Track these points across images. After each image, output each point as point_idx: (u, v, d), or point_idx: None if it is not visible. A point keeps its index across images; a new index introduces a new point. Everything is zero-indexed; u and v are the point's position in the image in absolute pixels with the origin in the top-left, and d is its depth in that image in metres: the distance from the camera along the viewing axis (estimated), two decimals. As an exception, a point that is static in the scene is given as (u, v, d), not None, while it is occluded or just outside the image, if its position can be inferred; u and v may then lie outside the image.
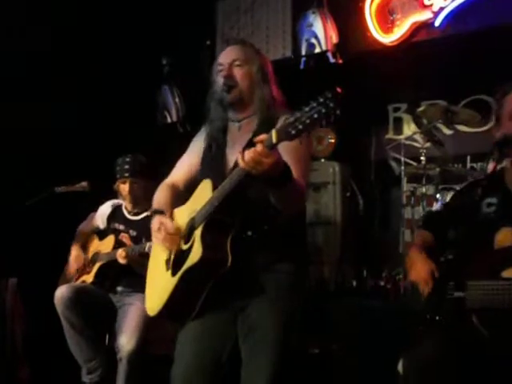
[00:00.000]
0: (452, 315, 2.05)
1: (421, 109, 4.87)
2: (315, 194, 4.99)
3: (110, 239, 3.54)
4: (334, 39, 4.94)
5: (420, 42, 4.77)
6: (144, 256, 3.25)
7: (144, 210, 3.47)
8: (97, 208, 3.76)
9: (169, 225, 2.17)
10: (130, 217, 3.58)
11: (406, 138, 4.75)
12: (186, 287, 2.09)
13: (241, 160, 1.84)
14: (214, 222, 2.01)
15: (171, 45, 5.42)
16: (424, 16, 4.67)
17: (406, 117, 5.42)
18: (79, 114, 4.84)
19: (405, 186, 4.66)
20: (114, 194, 3.67)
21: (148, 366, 3.25)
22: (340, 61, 4.98)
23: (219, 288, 2.08)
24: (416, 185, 4.68)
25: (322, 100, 1.67)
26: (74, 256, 3.60)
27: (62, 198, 3.64)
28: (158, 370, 3.27)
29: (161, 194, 2.35)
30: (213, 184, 2.07)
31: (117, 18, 5.07)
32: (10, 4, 4.44)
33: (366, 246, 5.12)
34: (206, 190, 2.09)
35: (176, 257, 2.15)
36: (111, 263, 3.43)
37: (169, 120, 5.65)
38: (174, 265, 2.15)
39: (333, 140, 5.08)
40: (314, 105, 1.68)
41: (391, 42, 4.86)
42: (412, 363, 2.08)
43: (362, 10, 4.92)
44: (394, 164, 4.91)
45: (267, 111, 2.19)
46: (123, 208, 3.62)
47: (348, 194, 5.06)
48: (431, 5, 4.67)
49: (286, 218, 2.08)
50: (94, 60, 4.93)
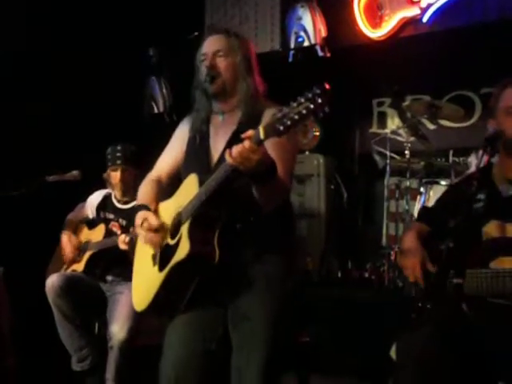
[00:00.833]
0: (447, 302, 2.10)
1: (405, 103, 4.95)
2: (300, 186, 5.03)
3: (101, 228, 3.55)
4: (323, 33, 4.97)
5: (407, 38, 4.83)
6: None
7: (133, 199, 3.47)
8: (86, 198, 3.76)
9: (152, 220, 2.15)
10: (119, 205, 3.58)
11: (391, 132, 4.81)
12: (173, 282, 2.08)
13: (228, 156, 1.84)
14: (201, 217, 1.99)
15: (159, 36, 5.40)
16: (412, 12, 4.74)
17: (390, 111, 5.49)
18: (69, 104, 4.82)
19: (389, 179, 4.71)
20: (104, 183, 3.67)
21: (136, 356, 3.27)
22: (328, 54, 5.02)
23: (207, 281, 2.08)
24: (400, 178, 4.75)
25: (310, 95, 1.66)
26: (65, 239, 3.59)
27: (53, 187, 3.63)
28: (144, 360, 3.31)
29: (145, 188, 2.32)
30: (198, 178, 2.05)
31: (104, 9, 5.05)
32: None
33: (350, 238, 5.19)
34: (192, 185, 2.07)
35: (162, 252, 2.14)
36: (102, 252, 3.44)
37: (156, 110, 5.64)
38: (160, 260, 2.13)
39: (317, 133, 5.12)
40: (301, 100, 1.67)
41: (379, 37, 4.92)
42: (405, 349, 2.11)
43: (350, 5, 4.97)
44: (377, 157, 4.95)
45: (251, 103, 2.17)
46: (112, 197, 3.63)
47: (332, 187, 5.11)
48: (419, 1, 4.73)
49: (271, 209, 2.08)
50: (82, 51, 4.91)
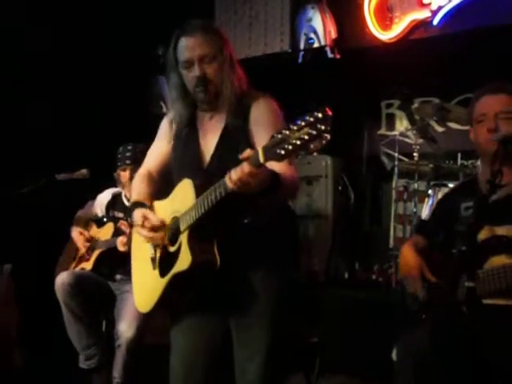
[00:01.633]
0: (445, 307, 2.13)
1: (414, 106, 4.94)
2: (307, 188, 5.04)
3: (109, 227, 3.55)
4: (333, 34, 4.97)
5: (417, 40, 4.81)
6: None
7: None
8: (95, 196, 3.78)
9: (153, 219, 2.12)
10: (129, 204, 3.58)
11: (400, 134, 4.81)
12: (175, 288, 2.09)
13: (228, 181, 1.80)
14: (201, 227, 1.97)
15: (167, 35, 5.40)
16: (422, 14, 4.72)
17: (399, 113, 5.49)
18: (78, 103, 4.84)
19: (397, 181, 4.71)
20: (114, 182, 3.69)
21: (142, 355, 3.28)
22: (338, 56, 5.01)
23: (209, 283, 2.09)
24: (408, 180, 4.75)
25: (311, 120, 1.59)
26: (77, 234, 3.60)
27: (62, 185, 3.64)
28: (152, 359, 3.32)
29: (139, 184, 2.30)
30: (193, 183, 2.01)
31: (113, 8, 5.07)
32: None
33: (358, 240, 5.19)
34: (187, 191, 2.03)
35: (162, 256, 2.13)
36: (110, 251, 3.44)
37: (164, 110, 5.65)
38: (160, 265, 2.13)
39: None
40: (302, 124, 1.60)
41: (389, 39, 4.90)
42: (406, 351, 2.14)
43: (361, 7, 4.96)
44: (385, 159, 4.96)
45: (237, 99, 2.12)
46: (122, 196, 3.64)
47: (340, 188, 5.11)
48: (430, 3, 4.72)
49: (269, 211, 2.09)
50: (92, 50, 4.93)
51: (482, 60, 4.55)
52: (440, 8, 4.64)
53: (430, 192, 4.44)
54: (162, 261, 2.12)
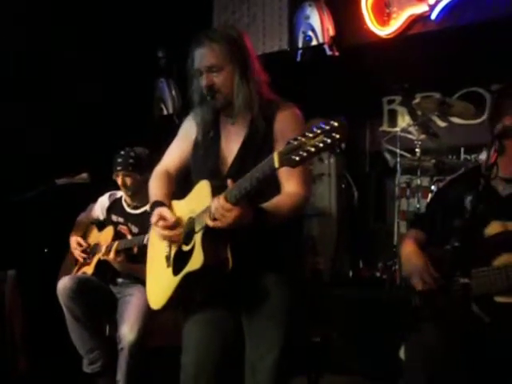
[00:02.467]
0: (453, 304, 2.10)
1: (416, 101, 4.93)
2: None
3: (109, 231, 3.55)
4: (331, 32, 4.94)
5: (416, 35, 4.78)
6: (136, 256, 3.34)
7: (143, 204, 3.49)
8: (96, 199, 3.78)
9: (169, 217, 2.14)
10: (129, 210, 3.58)
11: (401, 130, 4.79)
12: (187, 286, 2.10)
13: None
14: (215, 229, 1.97)
15: (167, 37, 5.41)
16: (420, 9, 4.68)
17: (401, 109, 5.47)
18: (78, 106, 4.84)
19: (400, 177, 4.70)
20: (116, 186, 3.68)
21: (146, 357, 3.28)
22: (336, 53, 4.99)
23: (221, 283, 2.11)
24: (411, 176, 4.73)
25: (327, 128, 1.64)
26: (74, 244, 3.61)
27: (63, 190, 3.65)
28: (155, 361, 3.32)
29: (156, 183, 2.32)
30: (211, 184, 2.04)
31: (113, 10, 5.07)
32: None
33: (362, 237, 5.17)
34: (204, 192, 2.06)
35: (176, 255, 2.15)
36: None
37: (165, 112, 5.66)
38: (174, 263, 2.15)
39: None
40: (317, 132, 1.65)
41: (387, 35, 4.87)
42: (414, 350, 2.13)
43: (358, 3, 4.93)
44: (388, 156, 4.94)
45: (257, 105, 2.14)
46: (123, 200, 3.63)
47: (343, 186, 5.10)
48: (427, -2, 4.70)
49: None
50: (92, 53, 4.93)
51: (481, 54, 4.53)
52: (438, 2, 4.61)
53: (433, 188, 4.43)
54: (176, 259, 2.14)
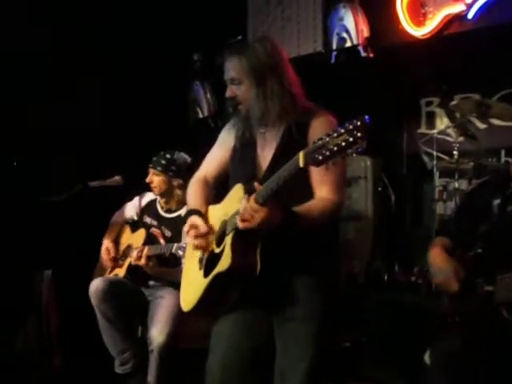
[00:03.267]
0: (480, 310, 2.05)
1: (454, 102, 4.83)
2: (347, 189, 4.97)
3: (141, 233, 3.58)
4: (365, 33, 4.89)
5: (453, 35, 4.68)
6: (167, 260, 3.37)
7: (177, 209, 3.52)
8: (131, 199, 3.80)
9: (201, 227, 2.19)
10: (162, 212, 3.60)
11: (439, 132, 4.70)
12: (216, 289, 2.12)
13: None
14: (245, 230, 1.99)
15: (202, 41, 5.44)
16: (457, 8, 4.58)
17: (439, 111, 5.36)
18: (113, 110, 4.91)
19: (437, 180, 4.61)
20: (146, 188, 3.70)
21: (178, 359, 3.29)
22: (371, 55, 4.94)
23: (250, 288, 2.10)
24: (448, 179, 4.64)
25: (350, 127, 1.68)
26: (104, 249, 3.64)
27: (97, 192, 3.70)
28: (186, 363, 3.33)
29: (194, 190, 2.37)
30: (244, 188, 2.08)
31: (148, 14, 5.13)
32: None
33: (398, 241, 5.09)
34: (238, 195, 2.09)
35: (208, 258, 2.18)
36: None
37: (200, 115, 5.69)
38: (206, 265, 2.18)
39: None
40: (341, 131, 1.69)
41: (423, 35, 4.78)
42: (438, 355, 2.10)
43: (393, 3, 4.86)
44: (426, 158, 4.87)
45: (290, 115, 2.17)
46: (157, 203, 3.66)
47: (380, 189, 5.03)
48: (464, -4, 4.60)
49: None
50: (128, 57, 5.00)
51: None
52: (475, 1, 4.50)
53: (470, 191, 4.34)
54: (208, 262, 2.17)
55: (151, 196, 3.71)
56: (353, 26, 4.86)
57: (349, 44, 4.91)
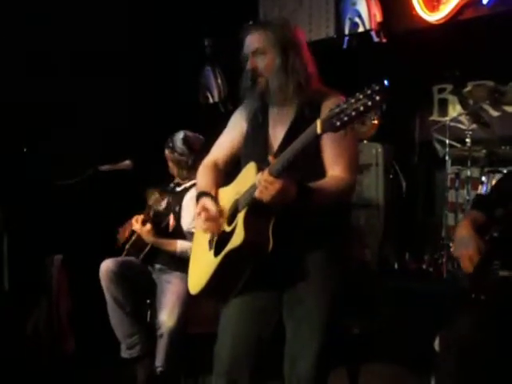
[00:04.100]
0: (496, 295, 2.02)
1: (467, 89, 4.77)
2: (358, 176, 4.93)
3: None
4: (378, 18, 4.85)
5: (467, 20, 4.64)
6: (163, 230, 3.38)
7: (184, 182, 3.51)
8: (140, 186, 3.79)
9: (211, 209, 2.19)
10: (172, 186, 3.60)
11: (451, 120, 4.66)
12: (227, 268, 2.10)
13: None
14: (257, 206, 2.00)
15: (213, 26, 5.41)
16: (471, -7, 4.55)
17: (452, 98, 5.31)
18: (124, 94, 4.90)
19: (449, 168, 4.58)
20: (162, 172, 3.69)
21: (186, 344, 3.28)
22: (384, 40, 4.89)
23: (262, 267, 2.09)
24: (461, 167, 4.61)
25: (368, 92, 1.67)
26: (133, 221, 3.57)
27: (107, 177, 3.69)
28: (195, 348, 3.33)
29: (203, 174, 2.37)
30: (257, 166, 2.07)
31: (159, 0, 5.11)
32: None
33: (409, 229, 5.07)
34: (250, 173, 2.09)
35: (219, 238, 2.18)
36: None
37: (211, 100, 5.67)
38: (216, 245, 2.17)
39: (376, 121, 5.02)
40: (360, 97, 1.68)
41: (437, 21, 4.75)
42: (448, 339, 2.07)
43: (406, -12, 4.82)
44: (438, 146, 4.84)
45: (304, 93, 2.17)
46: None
47: (391, 176, 5.01)
48: (479, -18, 4.54)
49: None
50: (138, 42, 4.98)
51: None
52: (490, -14, 4.45)
53: (483, 179, 4.32)
54: (219, 242, 2.17)
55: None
56: (365, 11, 4.81)
57: (361, 29, 4.86)
